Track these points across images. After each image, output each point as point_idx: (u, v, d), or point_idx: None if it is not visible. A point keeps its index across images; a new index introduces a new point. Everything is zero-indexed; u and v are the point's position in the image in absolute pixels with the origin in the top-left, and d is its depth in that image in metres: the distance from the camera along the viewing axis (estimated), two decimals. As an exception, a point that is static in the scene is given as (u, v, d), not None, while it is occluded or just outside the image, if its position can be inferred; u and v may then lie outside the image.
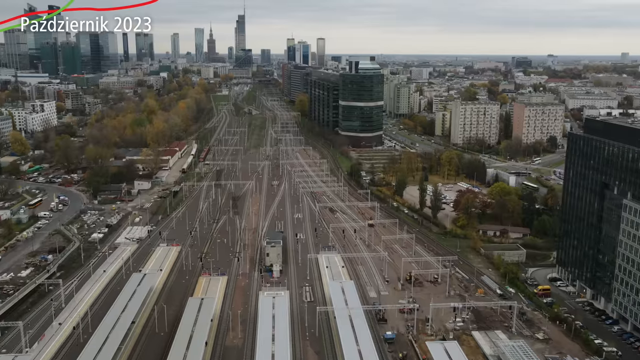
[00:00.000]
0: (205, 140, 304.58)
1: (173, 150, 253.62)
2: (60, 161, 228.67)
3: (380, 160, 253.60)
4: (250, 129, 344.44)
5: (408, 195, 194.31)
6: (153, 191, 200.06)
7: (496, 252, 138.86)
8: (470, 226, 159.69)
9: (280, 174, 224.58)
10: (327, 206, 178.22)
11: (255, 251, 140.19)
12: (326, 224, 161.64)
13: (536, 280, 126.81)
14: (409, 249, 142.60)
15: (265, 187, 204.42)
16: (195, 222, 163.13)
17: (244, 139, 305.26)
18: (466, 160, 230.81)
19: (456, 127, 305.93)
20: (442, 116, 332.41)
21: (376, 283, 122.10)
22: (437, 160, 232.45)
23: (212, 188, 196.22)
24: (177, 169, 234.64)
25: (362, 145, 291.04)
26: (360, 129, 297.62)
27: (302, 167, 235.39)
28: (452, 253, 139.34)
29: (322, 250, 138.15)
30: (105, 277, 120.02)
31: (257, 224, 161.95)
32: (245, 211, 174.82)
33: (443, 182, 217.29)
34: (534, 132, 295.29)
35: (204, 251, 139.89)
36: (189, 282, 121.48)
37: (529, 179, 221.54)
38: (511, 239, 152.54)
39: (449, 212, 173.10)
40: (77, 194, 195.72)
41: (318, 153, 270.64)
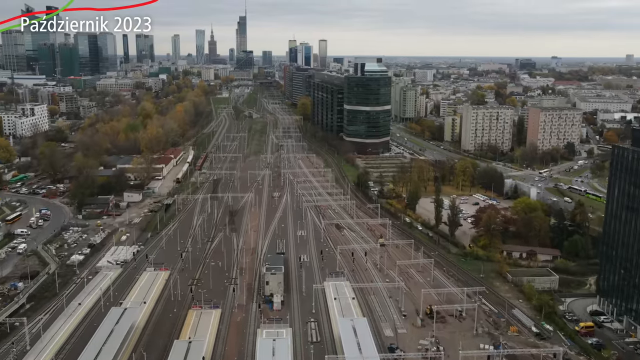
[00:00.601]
0: (203, 146, 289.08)
1: (167, 158, 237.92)
2: (46, 170, 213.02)
3: (389, 169, 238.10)
4: (250, 133, 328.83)
5: (421, 208, 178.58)
6: (144, 204, 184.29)
7: (525, 279, 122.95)
8: (493, 246, 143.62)
9: (281, 185, 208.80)
10: (333, 222, 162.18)
11: (253, 276, 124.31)
12: (332, 243, 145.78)
13: (575, 313, 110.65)
14: (425, 273, 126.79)
15: (266, 200, 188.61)
16: (188, 241, 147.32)
17: (244, 145, 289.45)
18: (482, 169, 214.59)
19: (467, 133, 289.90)
20: (452, 121, 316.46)
21: (392, 318, 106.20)
22: (450, 170, 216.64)
23: (208, 201, 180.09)
24: (171, 179, 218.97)
25: (369, 151, 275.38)
26: (366, 134, 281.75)
27: (305, 177, 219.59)
28: (476, 280, 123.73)
29: (329, 276, 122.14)
30: (80, 312, 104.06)
31: (256, 243, 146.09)
32: (243, 228, 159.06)
33: (457, 193, 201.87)
34: (549, 138, 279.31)
35: (195, 277, 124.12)
36: (177, 317, 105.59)
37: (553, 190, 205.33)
38: (540, 261, 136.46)
39: (467, 229, 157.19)
40: (61, 206, 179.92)
41: (322, 160, 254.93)
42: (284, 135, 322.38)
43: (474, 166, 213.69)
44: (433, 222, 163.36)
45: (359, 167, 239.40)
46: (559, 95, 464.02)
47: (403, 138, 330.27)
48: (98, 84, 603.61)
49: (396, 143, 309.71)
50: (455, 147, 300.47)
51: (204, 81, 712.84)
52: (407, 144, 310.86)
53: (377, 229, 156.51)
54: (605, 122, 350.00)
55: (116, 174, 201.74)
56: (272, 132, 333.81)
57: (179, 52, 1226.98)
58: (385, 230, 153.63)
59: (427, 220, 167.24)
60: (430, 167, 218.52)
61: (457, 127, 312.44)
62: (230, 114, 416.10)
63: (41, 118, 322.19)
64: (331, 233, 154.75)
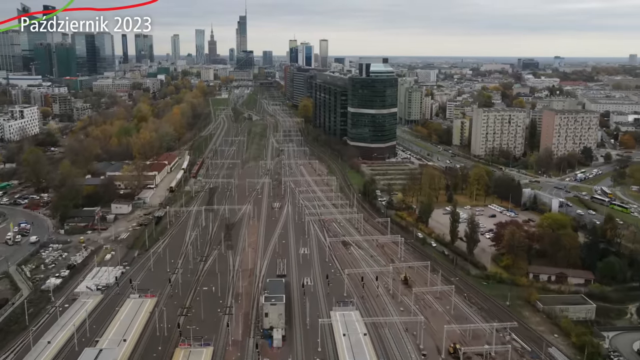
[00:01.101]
0: (200, 150, 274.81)
1: (161, 165, 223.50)
2: (29, 178, 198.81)
3: (396, 176, 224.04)
4: (249, 137, 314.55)
5: (433, 221, 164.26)
6: (133, 216, 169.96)
7: (558, 307, 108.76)
8: (517, 267, 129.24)
9: (282, 194, 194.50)
10: (338, 239, 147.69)
11: (250, 304, 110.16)
12: (339, 263, 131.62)
13: (620, 352, 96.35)
14: (445, 300, 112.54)
15: (265, 211, 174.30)
16: (179, 260, 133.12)
17: (242, 150, 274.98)
18: (497, 177, 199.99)
19: (477, 137, 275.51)
20: (461, 124, 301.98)
21: (409, 357, 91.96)
22: (463, 177, 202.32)
23: (202, 213, 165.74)
24: (164, 187, 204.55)
25: (374, 157, 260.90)
26: (371, 138, 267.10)
27: (308, 185, 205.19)
28: (502, 308, 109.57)
29: (337, 305, 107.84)
30: (49, 353, 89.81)
31: (254, 263, 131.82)
32: (240, 244, 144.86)
33: (471, 203, 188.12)
34: (565, 143, 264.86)
35: (185, 305, 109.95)
36: (161, 357, 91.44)
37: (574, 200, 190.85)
38: (571, 285, 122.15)
39: (486, 246, 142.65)
40: (43, 219, 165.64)
41: (325, 167, 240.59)
42: (285, 138, 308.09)
43: (489, 174, 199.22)
44: (448, 237, 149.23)
45: (365, 174, 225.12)
46: (568, 97, 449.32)
47: (409, 142, 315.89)
48: (94, 84, 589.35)
49: (402, 147, 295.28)
50: (464, 151, 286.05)
51: (203, 82, 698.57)
52: (413, 148, 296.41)
53: (388, 246, 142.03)
54: (619, 124, 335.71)
55: (104, 182, 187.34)
56: (273, 136, 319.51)
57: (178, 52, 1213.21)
58: (397, 249, 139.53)
59: (441, 236, 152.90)
60: (441, 174, 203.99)
61: (467, 130, 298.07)
62: (229, 116, 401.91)
63: (31, 121, 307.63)
64: (337, 251, 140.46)
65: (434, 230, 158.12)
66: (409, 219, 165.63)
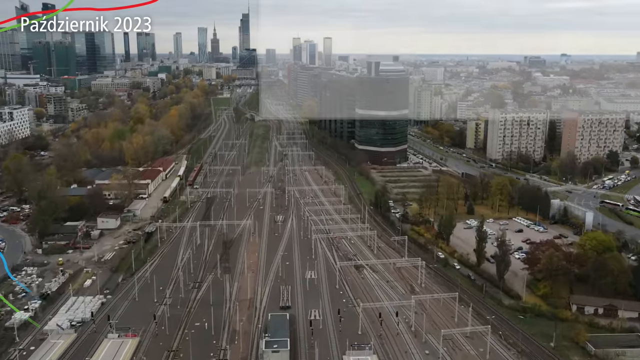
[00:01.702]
0: (198, 154, 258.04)
1: (155, 171, 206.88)
2: (11, 188, 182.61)
3: (409, 183, 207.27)
4: (251, 139, 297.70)
5: (454, 237, 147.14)
6: (121, 232, 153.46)
7: (613, 351, 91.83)
8: (557, 296, 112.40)
9: (285, 205, 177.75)
10: (350, 262, 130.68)
11: (249, 347, 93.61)
12: (351, 291, 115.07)
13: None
14: (477, 340, 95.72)
15: (267, 226, 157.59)
16: (168, 288, 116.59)
17: (243, 154, 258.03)
18: (521, 187, 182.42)
19: (494, 140, 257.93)
20: (475, 126, 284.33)
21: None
22: (484, 186, 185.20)
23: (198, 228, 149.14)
24: (158, 197, 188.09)
25: (384, 162, 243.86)
26: (381, 142, 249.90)
27: (314, 195, 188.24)
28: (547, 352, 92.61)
29: (351, 348, 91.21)
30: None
31: (253, 291, 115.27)
32: (238, 266, 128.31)
33: (493, 215, 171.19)
34: (588, 147, 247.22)
35: (172, 348, 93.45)
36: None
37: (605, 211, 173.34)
38: (623, 320, 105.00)
39: (517, 268, 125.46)
40: (22, 235, 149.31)
41: (332, 173, 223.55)
42: (289, 141, 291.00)
43: (512, 183, 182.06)
44: (472, 256, 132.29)
45: (375, 182, 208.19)
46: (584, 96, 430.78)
47: (420, 144, 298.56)
48: (93, 83, 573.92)
49: (413, 150, 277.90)
50: (479, 155, 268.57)
51: (205, 80, 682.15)
52: (425, 151, 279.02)
53: (407, 271, 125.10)
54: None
55: (91, 193, 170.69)
56: (276, 138, 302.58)
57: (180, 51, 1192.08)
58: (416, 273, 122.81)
59: (465, 256, 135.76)
60: (459, 183, 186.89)
61: (481, 133, 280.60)
62: (231, 117, 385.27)
63: (21, 123, 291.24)
64: (348, 276, 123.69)
65: (456, 249, 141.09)
66: (427, 235, 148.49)
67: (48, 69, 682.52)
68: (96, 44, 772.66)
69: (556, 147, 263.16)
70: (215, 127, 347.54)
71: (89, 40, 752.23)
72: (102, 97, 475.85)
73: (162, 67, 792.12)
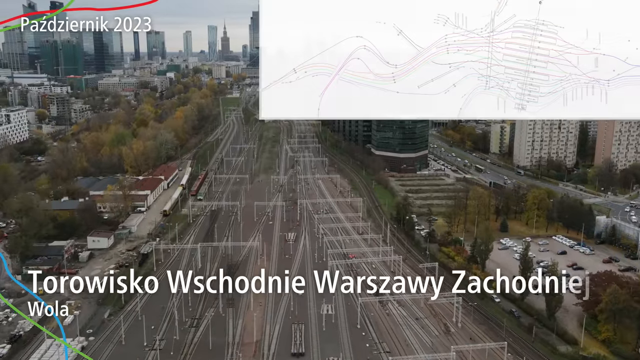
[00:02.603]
0: (204, 160, 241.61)
1: (156, 180, 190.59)
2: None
3: (432, 194, 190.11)
4: (260, 143, 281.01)
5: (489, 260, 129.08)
6: (114, 252, 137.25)
7: None
8: (622, 341, 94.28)
9: (297, 220, 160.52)
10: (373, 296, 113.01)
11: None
12: (376, 334, 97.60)
13: None
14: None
15: (277, 246, 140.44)
16: (162, 325, 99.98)
17: (252, 160, 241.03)
18: (560, 201, 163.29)
19: (522, 145, 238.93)
20: (501, 129, 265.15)
21: None
22: (517, 199, 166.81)
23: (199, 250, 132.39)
24: (158, 209, 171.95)
25: (403, 169, 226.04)
26: (400, 147, 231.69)
27: (329, 209, 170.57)
28: None
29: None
30: None
31: (261, 332, 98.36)
32: (243, 299, 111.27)
33: (529, 232, 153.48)
34: (626, 152, 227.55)
35: (160, 413, 76.80)
36: None
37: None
38: None
39: (567, 303, 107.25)
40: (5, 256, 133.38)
41: (347, 181, 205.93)
42: (300, 145, 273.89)
43: (551, 196, 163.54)
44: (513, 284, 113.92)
45: (395, 192, 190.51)
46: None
47: (439, 148, 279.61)
48: (100, 83, 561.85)
49: (433, 155, 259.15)
50: (506, 161, 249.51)
51: (215, 79, 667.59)
52: (445, 156, 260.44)
53: (441, 308, 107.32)
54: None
55: (82, 207, 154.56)
56: (287, 142, 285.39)
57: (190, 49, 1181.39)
58: (449, 308, 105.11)
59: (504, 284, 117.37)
60: (490, 195, 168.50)
61: (507, 137, 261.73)
62: (240, 118, 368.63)
63: (19, 126, 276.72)
64: (371, 311, 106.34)
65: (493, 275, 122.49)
66: (458, 259, 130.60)
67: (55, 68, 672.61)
68: (104, 42, 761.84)
69: (588, 152, 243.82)
70: (223, 129, 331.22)
71: (97, 39, 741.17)
72: (108, 97, 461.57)
73: (170, 66, 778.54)
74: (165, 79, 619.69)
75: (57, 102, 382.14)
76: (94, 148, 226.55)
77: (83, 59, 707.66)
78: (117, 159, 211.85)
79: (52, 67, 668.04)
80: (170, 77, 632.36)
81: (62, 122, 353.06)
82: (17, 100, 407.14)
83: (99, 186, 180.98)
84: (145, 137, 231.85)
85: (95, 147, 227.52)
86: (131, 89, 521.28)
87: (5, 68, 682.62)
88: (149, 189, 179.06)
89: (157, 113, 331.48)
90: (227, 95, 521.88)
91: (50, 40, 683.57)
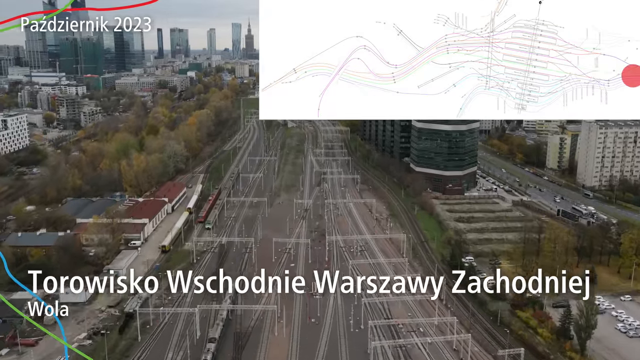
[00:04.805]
0: (218, 174, 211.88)
1: (158, 204, 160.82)
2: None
3: (488, 223, 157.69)
4: (282, 153, 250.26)
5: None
6: (90, 311, 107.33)
7: None
8: None
9: (326, 261, 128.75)
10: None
11: None
12: None
13: None
14: None
15: (300, 305, 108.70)
16: None
17: (272, 176, 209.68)
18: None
19: (590, 162, 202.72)
20: (560, 141, 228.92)
21: None
22: (603, 239, 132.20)
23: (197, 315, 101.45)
24: (157, 242, 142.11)
25: (449, 189, 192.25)
26: (445, 163, 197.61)
27: (366, 247, 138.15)
28: None
29: None
30: None
31: None
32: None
33: (624, 285, 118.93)
34: None
35: None
36: None
37: None
38: None
39: None
40: None
41: (384, 205, 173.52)
42: (327, 156, 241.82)
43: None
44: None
45: (442, 220, 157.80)
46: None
47: (484, 160, 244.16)
48: (117, 82, 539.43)
49: (480, 171, 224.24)
50: (568, 179, 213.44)
51: (237, 78, 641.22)
52: (494, 172, 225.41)
53: None
54: None
55: (60, 243, 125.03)
56: (312, 152, 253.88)
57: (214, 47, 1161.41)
58: None
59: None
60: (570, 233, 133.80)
61: (567, 149, 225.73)
62: (261, 123, 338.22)
63: (18, 132, 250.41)
64: None
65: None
66: (542, 333, 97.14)
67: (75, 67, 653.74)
68: (125, 40, 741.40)
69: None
70: (242, 135, 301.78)
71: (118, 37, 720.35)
72: (124, 97, 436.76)
73: (192, 65, 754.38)
74: (186, 78, 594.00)
75: (67, 104, 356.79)
76: (93, 160, 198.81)
77: (103, 57, 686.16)
78: (117, 174, 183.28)
79: (71, 65, 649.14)
80: (191, 77, 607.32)
81: (71, 126, 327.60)
82: (26, 102, 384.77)
83: (91, 210, 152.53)
84: (152, 148, 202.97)
85: (94, 160, 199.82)
86: (149, 89, 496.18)
87: (25, 67, 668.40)
88: (147, 216, 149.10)
89: (171, 117, 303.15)
90: (249, 96, 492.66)
91: (70, 38, 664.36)
